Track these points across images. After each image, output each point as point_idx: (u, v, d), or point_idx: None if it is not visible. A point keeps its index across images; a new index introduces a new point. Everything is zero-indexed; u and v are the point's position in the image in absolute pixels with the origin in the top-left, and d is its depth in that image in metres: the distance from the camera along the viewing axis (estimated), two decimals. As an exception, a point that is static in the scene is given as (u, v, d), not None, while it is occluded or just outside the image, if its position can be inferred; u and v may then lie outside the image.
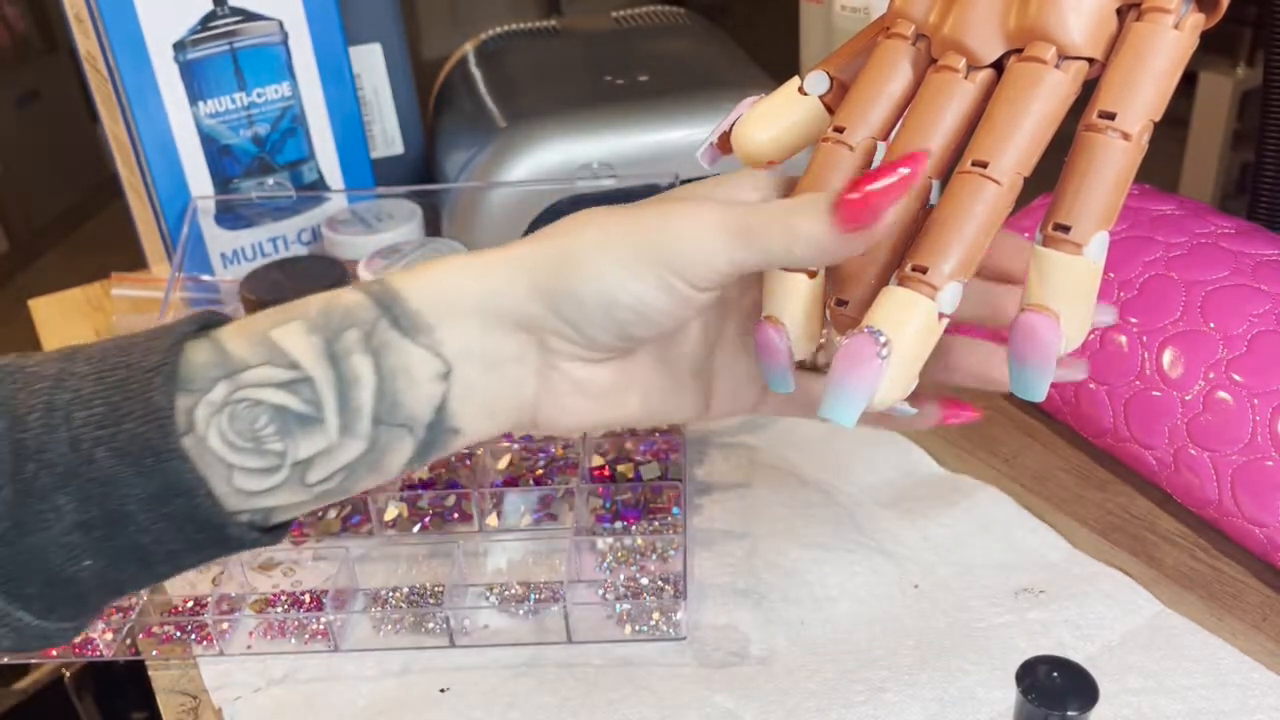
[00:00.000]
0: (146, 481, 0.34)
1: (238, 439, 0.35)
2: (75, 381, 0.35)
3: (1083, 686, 0.36)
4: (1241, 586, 0.56)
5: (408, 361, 0.36)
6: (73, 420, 0.34)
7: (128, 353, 0.35)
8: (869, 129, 0.38)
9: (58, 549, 0.34)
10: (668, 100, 0.83)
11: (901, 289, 0.35)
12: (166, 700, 0.55)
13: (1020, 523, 0.61)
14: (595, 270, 0.36)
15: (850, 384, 0.34)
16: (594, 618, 0.57)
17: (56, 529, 0.34)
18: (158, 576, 0.37)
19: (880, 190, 0.34)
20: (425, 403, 0.37)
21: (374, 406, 0.36)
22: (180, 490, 0.34)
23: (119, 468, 0.34)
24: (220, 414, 0.35)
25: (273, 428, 0.35)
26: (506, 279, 0.37)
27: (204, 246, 0.82)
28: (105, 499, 0.34)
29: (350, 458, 0.37)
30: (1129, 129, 0.33)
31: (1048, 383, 0.34)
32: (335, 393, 0.36)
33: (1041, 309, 0.34)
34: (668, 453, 0.68)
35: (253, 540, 0.37)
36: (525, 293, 0.37)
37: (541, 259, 0.37)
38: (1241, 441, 0.55)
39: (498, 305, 0.37)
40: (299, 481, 0.36)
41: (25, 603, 0.35)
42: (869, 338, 0.34)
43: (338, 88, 0.83)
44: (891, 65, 0.38)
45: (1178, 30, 0.34)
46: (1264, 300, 0.57)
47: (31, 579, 0.35)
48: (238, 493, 0.36)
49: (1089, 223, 0.33)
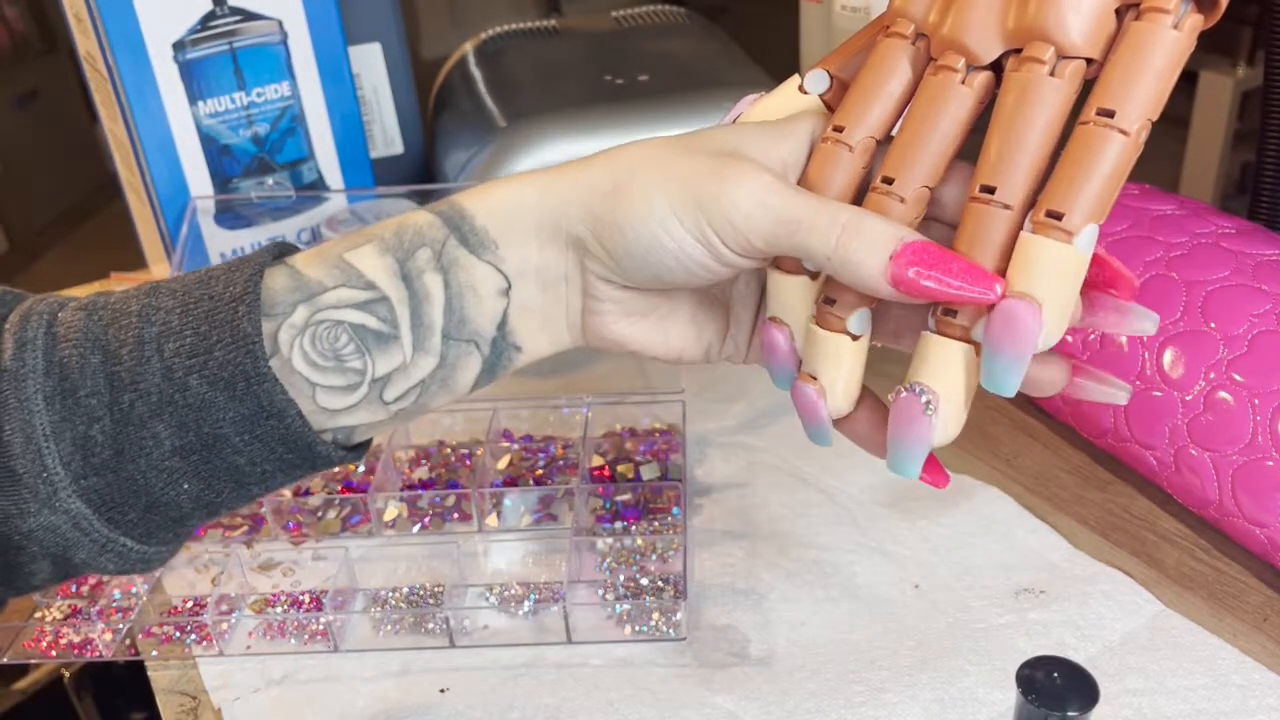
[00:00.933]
0: (240, 405, 0.36)
1: (320, 359, 0.36)
2: (162, 315, 0.36)
3: (1083, 687, 0.36)
4: (1242, 587, 0.56)
5: (474, 278, 0.38)
6: (164, 351, 0.36)
7: (210, 285, 0.37)
8: (867, 129, 0.38)
9: (157, 474, 0.36)
10: (668, 100, 0.83)
11: (938, 335, 0.35)
12: (166, 700, 0.55)
13: (1021, 523, 0.61)
14: (645, 210, 0.37)
15: (907, 443, 0.36)
16: (594, 618, 0.57)
17: (156, 454, 0.36)
18: (250, 497, 0.39)
19: (942, 279, 0.34)
20: (489, 319, 0.38)
21: (444, 322, 0.37)
22: (272, 412, 0.36)
23: (212, 393, 0.35)
24: (303, 335, 0.36)
25: (352, 346, 0.37)
26: (564, 199, 0.38)
27: (203, 246, 0.82)
28: (201, 424, 0.36)
29: (423, 374, 0.38)
30: (1127, 127, 0.33)
31: (1020, 377, 0.34)
32: (409, 310, 0.37)
33: (1024, 296, 0.33)
34: (668, 453, 0.68)
35: (339, 458, 0.38)
36: (578, 213, 0.37)
37: (599, 183, 0.37)
38: (1242, 442, 0.55)
39: (555, 222, 0.38)
40: (378, 398, 0.37)
41: (128, 529, 0.37)
42: (914, 398, 0.35)
43: (337, 87, 0.83)
44: (890, 65, 0.38)
45: (1176, 30, 0.34)
46: (1264, 300, 0.57)
47: (134, 505, 0.37)
48: (322, 411, 0.37)
49: (1081, 212, 0.33)
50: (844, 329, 0.37)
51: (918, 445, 0.36)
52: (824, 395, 0.37)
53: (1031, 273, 0.33)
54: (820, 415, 0.38)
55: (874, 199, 0.37)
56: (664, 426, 0.70)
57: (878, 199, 0.37)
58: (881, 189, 0.37)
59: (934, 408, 0.35)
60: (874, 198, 0.37)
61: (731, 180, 0.36)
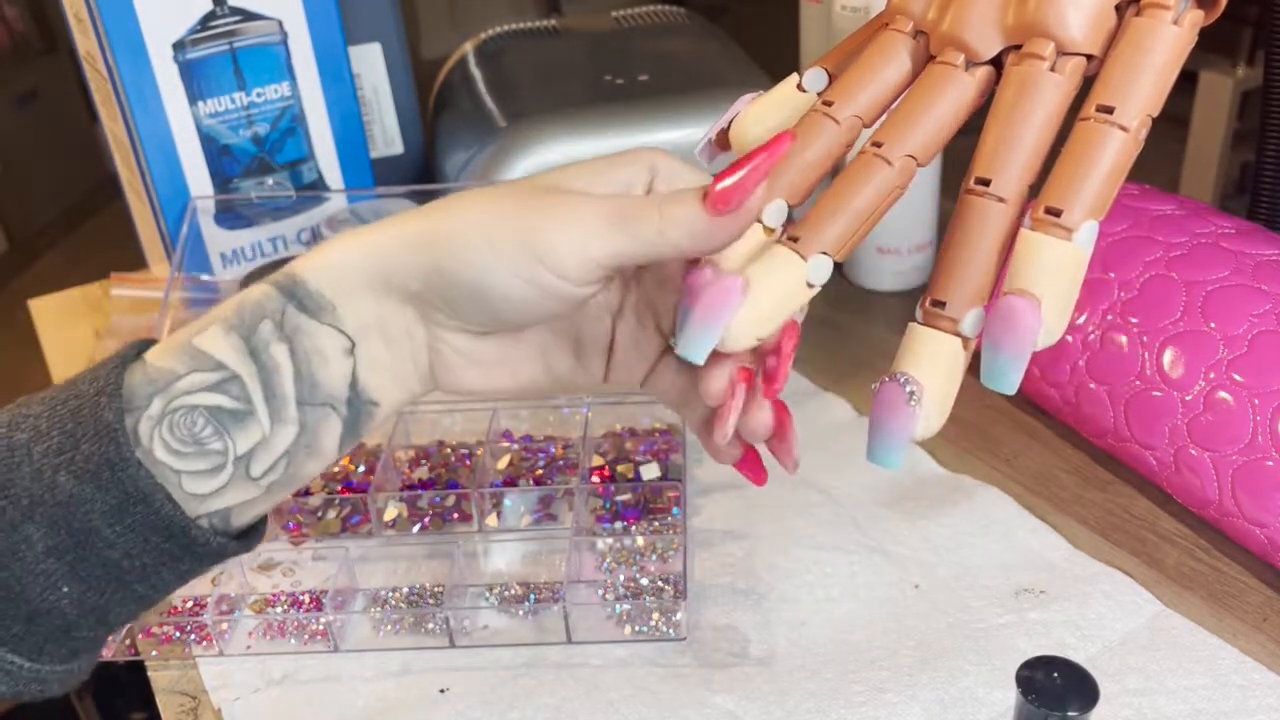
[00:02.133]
0: (107, 495, 0.35)
1: (180, 445, 0.36)
2: (31, 421, 0.36)
3: (1083, 687, 0.36)
4: (1242, 587, 0.56)
5: (318, 342, 0.38)
6: (33, 454, 0.36)
7: (75, 385, 0.37)
8: (856, 108, 0.38)
9: (34, 578, 0.36)
10: (668, 100, 0.83)
11: (925, 327, 0.35)
12: (166, 700, 0.55)
13: (1021, 523, 0.61)
14: (478, 259, 0.37)
15: (889, 432, 0.35)
16: (594, 618, 0.57)
17: (29, 558, 0.35)
18: (139, 598, 0.38)
19: (742, 184, 0.35)
20: (340, 379, 0.38)
21: (296, 390, 0.38)
22: (139, 498, 0.36)
23: (79, 487, 0.35)
24: (160, 425, 0.36)
25: (210, 429, 0.37)
26: (394, 253, 0.38)
27: (203, 246, 0.82)
28: (71, 519, 0.35)
29: (286, 444, 0.38)
30: (1127, 123, 0.33)
31: (1020, 373, 0.33)
32: (260, 384, 0.37)
33: (1024, 293, 0.33)
34: (668, 453, 0.68)
35: (219, 545, 0.38)
36: (411, 270, 0.38)
37: (428, 237, 0.38)
38: (1242, 442, 0.55)
39: (385, 278, 0.38)
40: (245, 476, 0.37)
41: (14, 645, 0.36)
42: (898, 388, 0.35)
43: (337, 87, 0.83)
44: (888, 53, 0.38)
45: (1177, 26, 0.34)
46: (1264, 300, 0.57)
47: (15, 616, 0.36)
48: (192, 497, 0.37)
49: (1081, 208, 0.33)
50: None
51: (900, 435, 0.35)
52: (746, 291, 0.36)
53: (1031, 269, 0.33)
54: (731, 305, 0.36)
55: (862, 159, 0.37)
56: (664, 426, 0.70)
57: (866, 158, 0.36)
58: (870, 150, 0.37)
59: (918, 399, 0.34)
60: (863, 158, 0.37)
61: (557, 210, 0.37)
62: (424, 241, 0.37)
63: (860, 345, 0.79)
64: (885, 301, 0.83)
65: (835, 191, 0.37)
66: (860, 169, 0.36)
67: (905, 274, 0.83)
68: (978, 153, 0.35)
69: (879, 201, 0.36)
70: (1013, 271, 0.34)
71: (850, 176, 0.37)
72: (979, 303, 0.35)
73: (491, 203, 0.38)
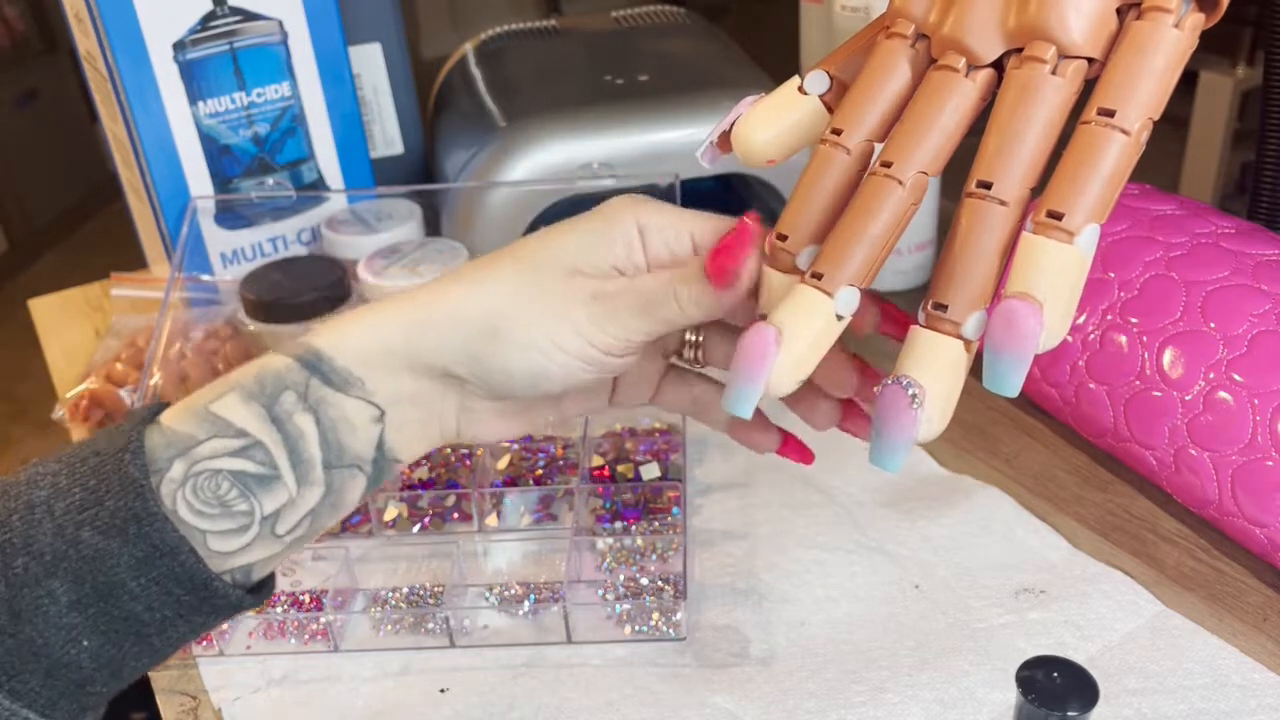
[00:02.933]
0: (133, 548, 0.36)
1: (205, 507, 0.37)
2: (49, 479, 0.37)
3: (1083, 687, 0.36)
4: (1242, 587, 0.56)
5: (344, 411, 0.39)
6: (54, 510, 0.36)
7: (93, 444, 0.38)
8: (866, 131, 0.38)
9: (55, 632, 0.36)
10: (668, 100, 0.83)
11: (927, 330, 0.35)
12: (166, 700, 0.55)
13: (1021, 523, 0.61)
14: (531, 350, 0.39)
15: (891, 435, 0.35)
16: (594, 618, 0.57)
17: (53, 612, 0.36)
18: (155, 652, 0.38)
19: (731, 258, 0.39)
20: (367, 444, 0.40)
21: (323, 455, 0.39)
22: (165, 550, 0.36)
23: (105, 542, 0.36)
24: (183, 488, 0.37)
25: (235, 491, 0.38)
26: (437, 343, 0.40)
27: (204, 246, 0.82)
28: (96, 574, 0.36)
29: (312, 503, 0.39)
30: (1128, 126, 0.33)
31: (1022, 376, 0.33)
32: (286, 450, 0.38)
33: (1025, 296, 0.33)
34: (668, 453, 0.68)
35: (238, 599, 0.39)
36: (455, 356, 0.40)
37: (473, 324, 0.39)
38: (1242, 442, 0.55)
39: (427, 363, 0.40)
40: (270, 534, 0.39)
41: (29, 699, 0.37)
42: (900, 390, 0.35)
43: (337, 87, 0.83)
44: (890, 66, 0.38)
45: (1178, 29, 0.34)
46: (1264, 300, 0.57)
47: (33, 670, 0.36)
48: (215, 555, 0.38)
49: (1083, 212, 0.33)
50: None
51: (902, 438, 0.35)
52: (780, 341, 0.37)
53: (1032, 273, 0.33)
54: (767, 362, 0.37)
55: (873, 181, 0.37)
56: (664, 426, 0.70)
57: (877, 181, 0.36)
58: (881, 172, 0.37)
59: (920, 402, 0.35)
60: (874, 180, 0.37)
61: (597, 305, 0.40)
62: (477, 333, 0.39)
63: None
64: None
65: (851, 219, 0.36)
66: (873, 193, 0.36)
67: (906, 274, 0.83)
68: (979, 156, 0.35)
69: (895, 223, 0.36)
70: (1014, 274, 0.34)
71: (864, 202, 0.36)
72: (981, 306, 0.35)
73: (539, 292, 0.40)
